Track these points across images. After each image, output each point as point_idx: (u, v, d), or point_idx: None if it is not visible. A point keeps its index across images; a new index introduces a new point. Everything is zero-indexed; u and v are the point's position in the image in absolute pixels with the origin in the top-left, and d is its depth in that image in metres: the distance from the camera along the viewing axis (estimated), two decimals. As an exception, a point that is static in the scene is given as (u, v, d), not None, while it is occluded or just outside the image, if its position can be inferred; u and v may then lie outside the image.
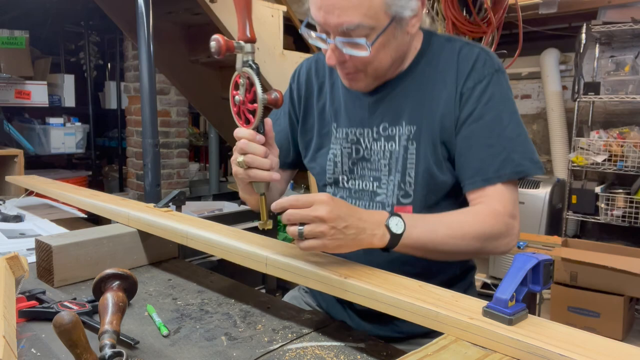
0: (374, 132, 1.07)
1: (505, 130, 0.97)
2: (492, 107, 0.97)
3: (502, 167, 0.96)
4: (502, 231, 0.96)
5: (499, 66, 1.00)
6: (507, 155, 0.96)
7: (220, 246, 1.05)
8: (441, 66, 1.01)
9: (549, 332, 0.70)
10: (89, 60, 4.73)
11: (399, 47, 0.98)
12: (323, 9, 0.90)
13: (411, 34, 0.98)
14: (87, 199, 1.51)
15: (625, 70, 3.82)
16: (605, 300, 3.16)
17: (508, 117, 0.98)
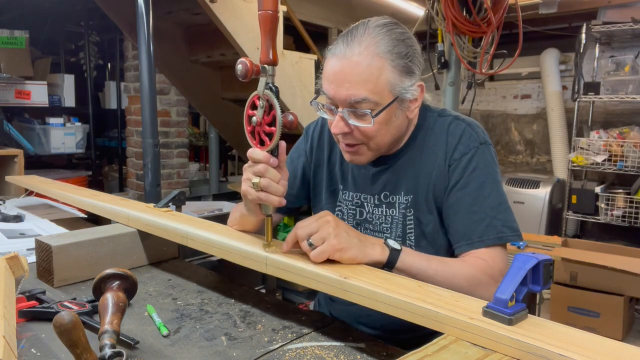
0: (375, 198, 1.15)
1: (488, 199, 1.04)
2: (476, 176, 1.05)
3: (485, 233, 1.02)
4: (486, 281, 0.97)
5: (484, 139, 1.08)
6: (489, 221, 1.03)
7: (220, 246, 1.05)
8: (433, 140, 1.10)
9: (549, 332, 0.70)
10: (89, 60, 4.73)
11: (399, 127, 1.07)
12: (334, 83, 0.99)
13: (410, 118, 1.08)
14: (87, 199, 1.51)
15: (625, 70, 3.82)
16: (605, 300, 3.16)
17: (491, 186, 1.05)
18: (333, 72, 0.99)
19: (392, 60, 0.98)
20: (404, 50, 1.00)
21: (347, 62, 0.97)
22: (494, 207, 1.04)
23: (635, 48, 4.08)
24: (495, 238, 1.02)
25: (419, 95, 1.05)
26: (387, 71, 0.98)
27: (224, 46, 2.81)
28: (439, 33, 2.71)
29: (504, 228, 1.03)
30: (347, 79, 0.97)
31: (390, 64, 0.98)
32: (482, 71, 2.66)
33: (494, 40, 2.60)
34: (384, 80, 0.98)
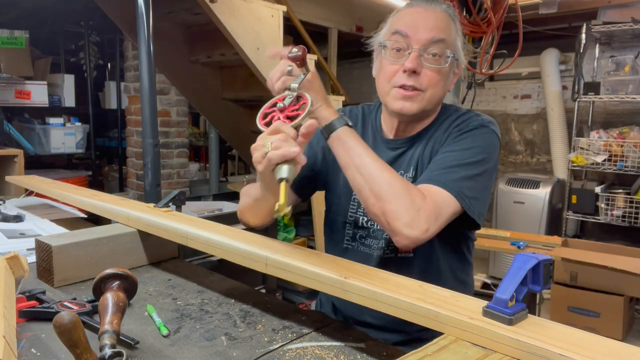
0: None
1: (467, 168, 1.05)
2: (460, 145, 1.08)
3: (448, 182, 1.02)
4: (401, 207, 0.95)
5: (486, 124, 1.12)
6: (458, 179, 1.03)
7: (220, 246, 1.05)
8: (444, 125, 1.16)
9: (549, 332, 0.70)
10: (89, 60, 4.73)
11: (444, 90, 1.14)
12: (417, 22, 1.10)
13: (449, 91, 1.17)
14: (87, 199, 1.51)
15: (625, 70, 3.82)
16: (605, 300, 3.16)
17: (467, 161, 1.05)
18: (416, 14, 1.11)
19: (458, 27, 1.15)
20: (460, 27, 1.17)
21: (431, 10, 1.11)
22: (469, 178, 1.04)
23: (635, 48, 4.08)
24: (443, 183, 1.01)
25: (459, 72, 1.17)
26: (455, 32, 1.13)
27: (224, 46, 2.81)
28: (439, 33, 2.71)
29: (471, 198, 1.02)
30: (430, 22, 1.09)
31: (457, 28, 1.14)
32: (482, 71, 2.66)
33: (494, 40, 2.60)
34: (454, 36, 1.12)
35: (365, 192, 0.99)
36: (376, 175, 0.98)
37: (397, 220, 0.95)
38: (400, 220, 0.95)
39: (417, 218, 0.95)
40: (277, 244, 1.03)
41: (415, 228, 0.95)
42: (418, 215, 0.95)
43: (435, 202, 0.99)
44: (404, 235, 0.96)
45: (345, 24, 5.01)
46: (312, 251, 1.00)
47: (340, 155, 1.02)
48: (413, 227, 0.95)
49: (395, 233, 0.97)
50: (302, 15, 4.05)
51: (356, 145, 1.01)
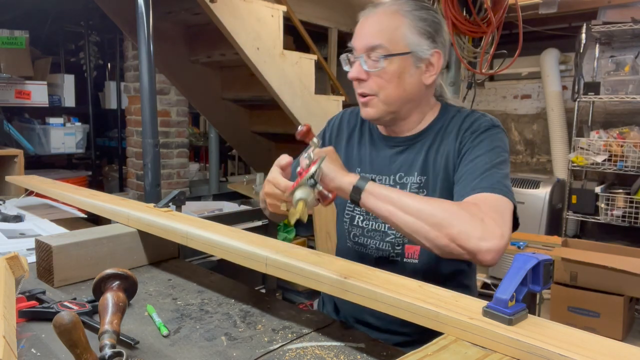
0: (391, 179, 1.19)
1: (499, 167, 1.05)
2: (483, 148, 1.08)
3: (493, 184, 1.01)
4: (468, 217, 0.93)
5: (497, 124, 1.13)
6: (498, 180, 1.03)
7: (220, 246, 1.05)
8: (450, 128, 1.15)
9: (549, 332, 0.70)
10: (89, 60, 4.73)
11: (412, 87, 1.12)
12: (357, 34, 1.12)
13: (426, 85, 1.14)
14: (87, 199, 1.51)
15: (625, 70, 3.82)
16: (605, 300, 3.16)
17: (496, 162, 1.05)
18: (360, 24, 1.12)
19: (412, 20, 1.09)
20: (425, 16, 1.10)
21: (372, 15, 1.11)
22: (496, 179, 1.02)
23: (635, 48, 4.08)
24: (489, 187, 1.00)
25: (436, 63, 1.12)
26: (405, 27, 1.08)
27: (224, 46, 2.81)
28: (439, 33, 2.71)
29: (501, 185, 1.01)
30: (367, 29, 1.10)
31: (410, 22, 1.09)
32: (482, 71, 2.66)
33: (494, 40, 2.60)
34: (401, 33, 1.08)
35: (422, 230, 0.95)
36: (424, 208, 0.95)
37: (469, 239, 0.91)
38: (472, 238, 0.91)
39: (486, 228, 0.92)
40: (277, 244, 1.03)
41: (490, 238, 0.92)
42: (485, 225, 0.92)
43: (492, 206, 0.96)
44: (484, 251, 0.91)
45: (345, 24, 5.01)
46: (312, 251, 1.00)
47: (380, 209, 0.98)
48: (487, 239, 0.91)
49: (474, 253, 0.92)
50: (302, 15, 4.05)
51: (389, 193, 0.99)
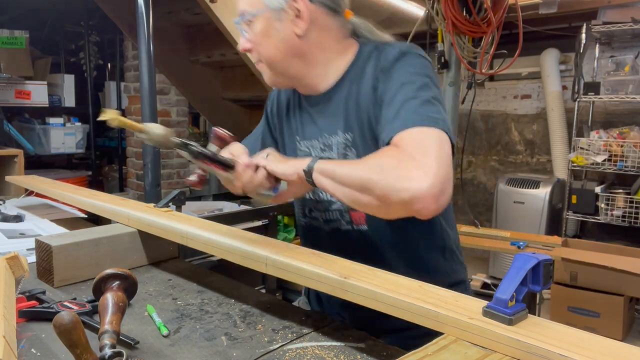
0: (320, 143, 1.12)
1: (417, 96, 0.94)
2: (395, 83, 0.97)
3: (409, 119, 0.90)
4: (394, 164, 0.84)
5: (406, 50, 1.01)
6: (415, 111, 0.92)
7: (220, 246, 1.05)
8: (366, 71, 1.05)
9: (549, 332, 0.70)
10: (89, 60, 4.73)
11: (285, 44, 1.06)
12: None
13: (300, 35, 1.05)
14: (87, 199, 1.51)
15: (625, 70, 3.82)
16: (605, 300, 3.16)
17: (413, 91, 0.94)
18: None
19: None
20: None
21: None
22: (412, 107, 0.92)
23: (635, 48, 4.08)
24: (407, 123, 0.89)
25: (304, 9, 1.03)
26: None
27: (224, 46, 2.81)
28: (439, 33, 2.71)
29: (419, 115, 0.90)
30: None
31: None
32: (482, 71, 2.66)
33: (494, 40, 2.60)
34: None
35: (356, 198, 0.89)
36: (350, 173, 0.89)
37: (394, 193, 0.82)
38: (397, 192, 0.81)
39: (409, 173, 0.82)
40: (277, 244, 1.03)
41: (418, 183, 0.80)
42: (407, 171, 0.82)
43: (412, 144, 0.86)
44: (416, 200, 0.80)
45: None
46: (312, 251, 1.00)
47: (326, 187, 0.94)
48: (414, 186, 0.80)
49: (408, 205, 0.82)
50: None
51: (330, 166, 0.93)
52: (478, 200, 5.41)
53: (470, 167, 5.44)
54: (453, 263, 1.15)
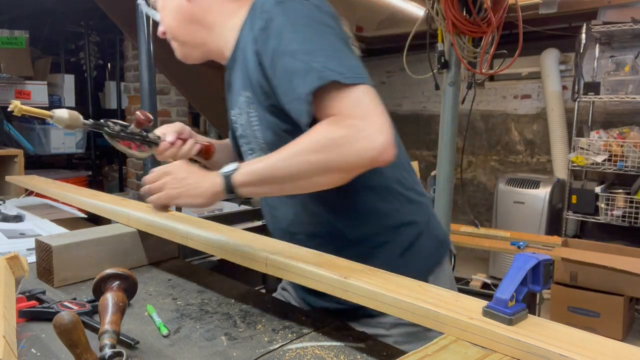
0: (235, 108, 1.09)
1: (301, 49, 0.87)
2: (283, 34, 0.90)
3: (308, 82, 0.85)
4: (344, 134, 0.82)
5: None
6: (307, 68, 0.85)
7: (220, 246, 1.05)
8: (253, 26, 0.98)
9: (549, 332, 0.70)
10: (89, 60, 4.73)
11: (179, 9, 1.07)
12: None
13: (192, 2, 1.06)
14: (87, 199, 1.50)
15: (625, 70, 3.82)
16: (605, 300, 3.16)
17: (302, 36, 0.88)
18: None
19: None
20: None
21: None
22: (310, 52, 0.86)
23: (635, 48, 4.08)
24: (318, 78, 0.83)
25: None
26: None
27: (224, 46, 2.81)
28: (439, 33, 2.71)
29: (328, 67, 0.84)
30: None
31: None
32: (482, 71, 2.66)
33: (494, 40, 2.60)
34: None
35: (319, 182, 0.88)
36: (298, 164, 0.86)
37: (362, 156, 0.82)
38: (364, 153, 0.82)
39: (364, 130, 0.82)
40: (277, 244, 1.03)
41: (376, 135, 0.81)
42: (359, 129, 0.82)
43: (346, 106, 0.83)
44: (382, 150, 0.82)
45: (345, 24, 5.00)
46: (312, 251, 1.00)
47: (260, 193, 0.97)
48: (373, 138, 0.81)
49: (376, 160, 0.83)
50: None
51: (253, 171, 0.90)
52: (478, 200, 5.41)
53: (470, 167, 5.44)
54: (397, 203, 1.06)
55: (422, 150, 5.88)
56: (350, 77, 0.84)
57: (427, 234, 1.10)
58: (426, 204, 1.14)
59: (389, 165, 0.95)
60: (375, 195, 1.04)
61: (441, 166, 2.83)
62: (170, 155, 1.16)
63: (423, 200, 1.13)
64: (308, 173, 0.86)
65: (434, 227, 1.14)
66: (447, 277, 1.14)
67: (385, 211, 1.05)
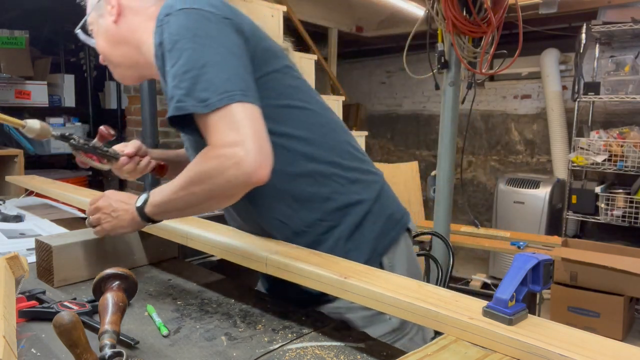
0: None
1: (172, 72, 0.89)
2: (164, 54, 0.92)
3: (170, 109, 0.89)
4: (214, 166, 0.85)
5: (171, 10, 0.92)
6: (171, 94, 0.89)
7: (220, 246, 1.05)
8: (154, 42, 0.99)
9: (549, 332, 0.70)
10: (89, 60, 4.72)
11: (108, 32, 1.12)
12: None
13: (117, 22, 1.10)
14: (87, 199, 1.50)
15: (625, 70, 3.82)
16: (605, 300, 3.16)
17: (176, 56, 0.89)
18: None
19: None
20: None
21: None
22: (177, 76, 0.88)
23: (635, 48, 4.09)
24: (174, 109, 0.87)
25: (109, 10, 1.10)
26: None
27: (224, 46, 2.81)
28: (439, 33, 2.71)
29: (188, 97, 0.86)
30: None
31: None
32: (482, 71, 2.66)
33: (494, 40, 2.60)
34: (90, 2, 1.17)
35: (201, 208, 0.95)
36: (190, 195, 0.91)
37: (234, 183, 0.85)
38: (235, 179, 0.84)
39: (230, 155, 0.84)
40: (277, 244, 1.03)
41: (241, 157, 0.83)
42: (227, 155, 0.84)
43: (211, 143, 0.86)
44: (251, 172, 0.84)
45: (345, 24, 5.01)
46: (312, 251, 1.00)
47: (177, 216, 1.05)
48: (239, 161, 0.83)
49: (250, 181, 0.85)
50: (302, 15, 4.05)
51: (160, 201, 0.96)
52: (478, 200, 5.41)
53: (470, 167, 5.45)
54: (337, 185, 1.05)
55: (422, 150, 5.88)
56: (214, 101, 0.85)
57: (377, 212, 1.09)
58: (374, 181, 1.12)
59: (321, 150, 1.03)
60: (308, 182, 1.04)
61: (441, 166, 2.83)
62: (128, 170, 1.25)
63: (369, 178, 1.12)
64: (198, 202, 0.92)
65: (385, 205, 1.12)
66: (404, 258, 1.11)
67: (323, 195, 1.04)
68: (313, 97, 1.10)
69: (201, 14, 0.91)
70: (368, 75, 6.23)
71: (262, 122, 0.87)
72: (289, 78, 1.05)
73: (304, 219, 1.04)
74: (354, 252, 1.04)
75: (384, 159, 6.13)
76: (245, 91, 0.87)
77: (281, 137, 1.00)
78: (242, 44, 0.93)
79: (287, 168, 1.01)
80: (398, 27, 4.85)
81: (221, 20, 0.92)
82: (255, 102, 0.87)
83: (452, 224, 3.02)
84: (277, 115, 1.00)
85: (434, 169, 3.03)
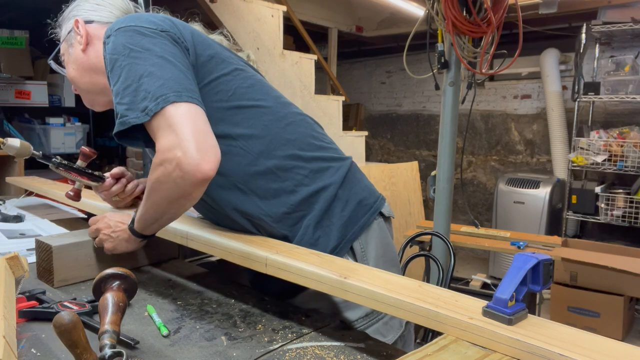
0: None
1: (115, 90, 0.94)
2: (109, 74, 0.96)
3: (116, 125, 0.93)
4: (162, 172, 0.89)
5: (111, 31, 0.98)
6: (117, 111, 0.93)
7: (220, 246, 1.05)
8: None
9: (549, 332, 0.70)
10: (89, 60, 4.73)
11: (77, 60, 1.17)
12: None
13: (86, 52, 1.15)
14: (87, 199, 1.50)
15: (625, 70, 3.82)
16: (605, 300, 3.16)
17: (116, 75, 0.94)
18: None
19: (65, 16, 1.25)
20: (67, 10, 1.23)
21: None
22: (118, 93, 0.92)
23: (635, 48, 4.09)
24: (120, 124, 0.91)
25: (81, 29, 1.14)
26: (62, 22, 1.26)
27: (224, 46, 2.81)
28: (439, 33, 2.71)
29: (130, 110, 0.90)
30: None
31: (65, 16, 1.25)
32: (482, 71, 2.66)
33: (494, 40, 2.60)
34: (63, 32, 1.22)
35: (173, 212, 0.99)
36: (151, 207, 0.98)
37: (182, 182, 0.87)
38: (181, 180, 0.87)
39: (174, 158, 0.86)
40: (277, 244, 1.04)
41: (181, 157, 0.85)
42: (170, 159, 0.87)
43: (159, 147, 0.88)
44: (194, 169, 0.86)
45: (345, 24, 5.01)
46: (312, 251, 1.00)
47: (161, 226, 1.06)
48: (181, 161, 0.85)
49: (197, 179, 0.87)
50: (302, 15, 4.05)
51: (142, 218, 1.03)
52: (478, 200, 5.41)
53: (470, 167, 5.45)
54: (299, 176, 1.07)
55: (422, 150, 5.88)
56: (151, 107, 0.88)
57: (344, 198, 1.09)
58: (339, 167, 1.13)
59: (278, 146, 1.05)
60: (271, 179, 1.05)
61: (441, 166, 2.83)
62: (116, 191, 1.29)
63: (334, 165, 1.12)
64: (162, 209, 0.97)
65: (354, 190, 1.12)
66: (379, 242, 1.12)
67: (288, 189, 1.06)
68: (269, 94, 1.12)
69: (136, 30, 0.96)
70: (368, 75, 6.24)
71: (202, 118, 0.90)
72: (239, 80, 1.07)
73: (272, 214, 1.06)
74: (323, 238, 1.05)
75: (384, 159, 6.14)
76: (179, 92, 0.89)
77: (237, 140, 1.03)
78: (178, 53, 0.97)
79: (248, 168, 1.04)
80: (398, 27, 4.85)
81: (157, 33, 0.96)
82: (192, 101, 0.90)
83: (452, 224, 3.02)
84: (230, 117, 1.03)
85: (434, 169, 3.03)
